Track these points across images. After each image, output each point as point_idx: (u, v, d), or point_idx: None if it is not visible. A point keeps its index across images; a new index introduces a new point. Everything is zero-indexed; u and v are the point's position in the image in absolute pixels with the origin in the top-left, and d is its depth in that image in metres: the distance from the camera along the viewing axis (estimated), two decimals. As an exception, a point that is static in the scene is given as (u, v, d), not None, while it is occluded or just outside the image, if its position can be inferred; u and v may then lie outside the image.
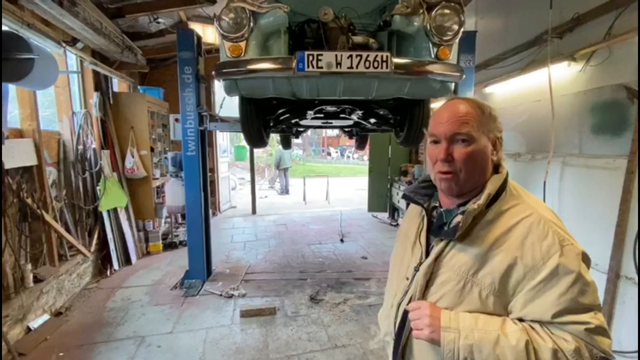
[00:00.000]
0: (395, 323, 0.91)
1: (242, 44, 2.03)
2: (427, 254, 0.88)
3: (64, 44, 3.21)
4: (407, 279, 0.91)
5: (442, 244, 0.85)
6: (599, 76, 2.47)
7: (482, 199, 0.79)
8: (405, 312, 0.87)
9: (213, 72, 2.08)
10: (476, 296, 0.78)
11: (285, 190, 10.54)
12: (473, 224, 0.81)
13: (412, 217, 0.99)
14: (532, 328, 0.75)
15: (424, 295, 0.85)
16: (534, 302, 0.74)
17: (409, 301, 0.87)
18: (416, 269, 0.88)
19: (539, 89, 2.99)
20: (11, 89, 2.81)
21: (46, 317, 2.99)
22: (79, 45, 3.48)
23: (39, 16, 3.00)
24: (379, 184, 6.95)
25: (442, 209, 0.90)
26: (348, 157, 22.45)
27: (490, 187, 0.80)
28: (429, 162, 0.89)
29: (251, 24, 1.99)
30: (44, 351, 2.61)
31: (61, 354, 2.60)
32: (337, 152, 24.05)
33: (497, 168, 0.86)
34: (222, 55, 2.08)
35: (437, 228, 0.88)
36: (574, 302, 0.72)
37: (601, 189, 2.42)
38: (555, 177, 2.85)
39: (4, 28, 2.45)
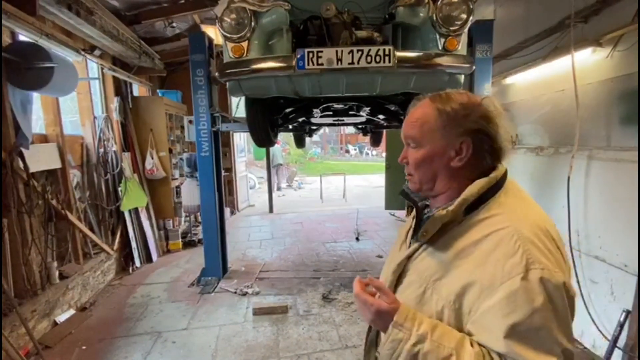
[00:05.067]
0: None
1: (244, 44, 2.03)
2: None
3: (82, 52, 3.36)
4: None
5: (416, 245, 0.82)
6: (627, 62, 2.26)
7: (454, 206, 0.73)
8: None
9: (216, 73, 2.10)
10: (434, 304, 0.73)
11: (278, 187, 10.64)
12: (446, 230, 0.75)
13: (413, 214, 0.98)
14: (490, 355, 0.66)
15: (393, 292, 0.83)
16: (486, 327, 0.65)
17: None
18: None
19: (562, 78, 2.79)
20: (36, 97, 2.98)
21: (72, 311, 3.16)
22: (97, 52, 3.62)
23: (59, 26, 3.15)
24: (396, 181, 6.79)
25: (430, 210, 0.87)
26: (367, 154, 22.18)
27: (467, 193, 0.72)
28: None
29: (252, 24, 1.99)
30: (68, 344, 2.76)
31: (84, 347, 2.73)
32: (355, 149, 23.80)
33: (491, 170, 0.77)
34: (225, 56, 2.09)
35: (416, 228, 0.86)
36: (530, 334, 0.62)
37: (631, 185, 2.22)
38: (580, 172, 2.65)
39: (24, 39, 2.59)
